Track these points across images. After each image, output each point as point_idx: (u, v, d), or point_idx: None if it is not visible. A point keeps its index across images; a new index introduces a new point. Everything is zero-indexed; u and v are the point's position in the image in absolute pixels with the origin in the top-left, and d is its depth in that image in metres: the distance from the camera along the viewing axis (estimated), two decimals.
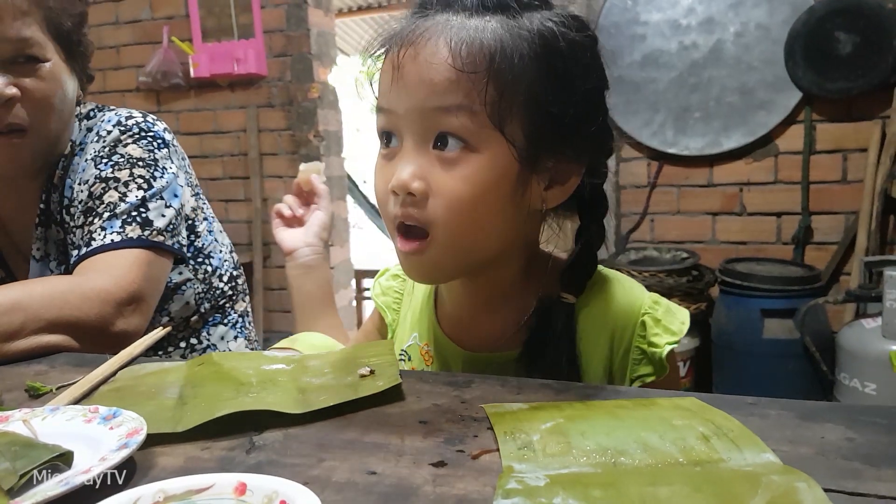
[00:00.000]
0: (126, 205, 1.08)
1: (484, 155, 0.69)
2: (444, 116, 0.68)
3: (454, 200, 0.69)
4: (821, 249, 2.83)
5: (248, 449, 0.56)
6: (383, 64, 0.73)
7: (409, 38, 0.70)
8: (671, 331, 0.76)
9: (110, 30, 3.70)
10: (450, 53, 0.67)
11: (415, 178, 0.69)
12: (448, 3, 0.71)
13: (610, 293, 0.79)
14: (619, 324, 0.77)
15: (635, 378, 0.77)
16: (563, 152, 0.72)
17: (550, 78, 0.69)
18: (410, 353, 0.89)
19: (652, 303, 0.77)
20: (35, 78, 1.08)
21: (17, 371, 0.84)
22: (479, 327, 0.83)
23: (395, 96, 0.71)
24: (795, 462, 0.49)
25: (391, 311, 0.95)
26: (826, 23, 2.65)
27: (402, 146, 0.71)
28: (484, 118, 0.67)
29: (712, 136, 2.88)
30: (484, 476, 0.50)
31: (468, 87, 0.67)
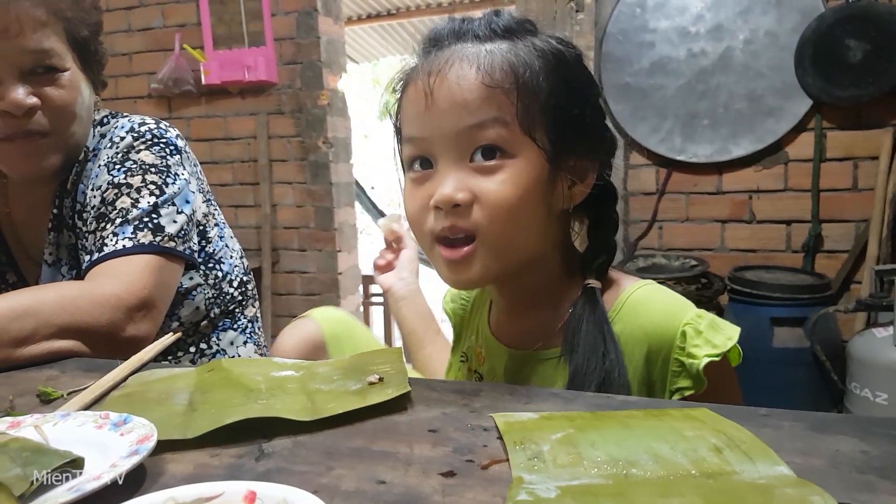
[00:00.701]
0: (138, 210, 1.09)
1: (519, 159, 0.76)
2: (479, 132, 0.75)
3: (500, 202, 0.75)
4: (831, 258, 2.81)
5: (258, 456, 0.56)
6: (407, 97, 0.81)
7: (433, 67, 0.77)
8: (713, 343, 0.75)
9: (123, 37, 3.72)
10: (479, 73, 0.75)
11: (457, 190, 0.75)
12: (460, 34, 0.79)
13: (650, 303, 0.81)
14: (657, 333, 0.78)
15: (675, 391, 0.77)
16: (580, 152, 0.80)
17: (563, 87, 0.78)
18: (469, 354, 0.97)
19: (695, 315, 0.78)
20: (55, 87, 1.09)
21: (28, 376, 0.84)
22: (522, 327, 0.88)
23: (427, 123, 0.78)
24: (809, 475, 0.48)
25: (456, 317, 1.04)
26: (836, 30, 2.64)
27: (437, 167, 0.78)
28: (515, 127, 0.75)
29: (721, 143, 2.87)
30: (493, 486, 0.49)
31: (499, 102, 0.75)
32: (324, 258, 3.61)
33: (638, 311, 0.80)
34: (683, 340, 0.76)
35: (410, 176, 0.82)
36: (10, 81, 1.04)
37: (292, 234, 3.65)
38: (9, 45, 1.03)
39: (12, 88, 1.04)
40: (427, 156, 0.79)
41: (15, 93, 1.04)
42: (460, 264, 0.77)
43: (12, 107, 1.04)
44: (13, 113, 1.05)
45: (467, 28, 0.80)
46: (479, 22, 0.80)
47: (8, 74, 1.04)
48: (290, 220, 3.64)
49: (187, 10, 3.61)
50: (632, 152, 3.02)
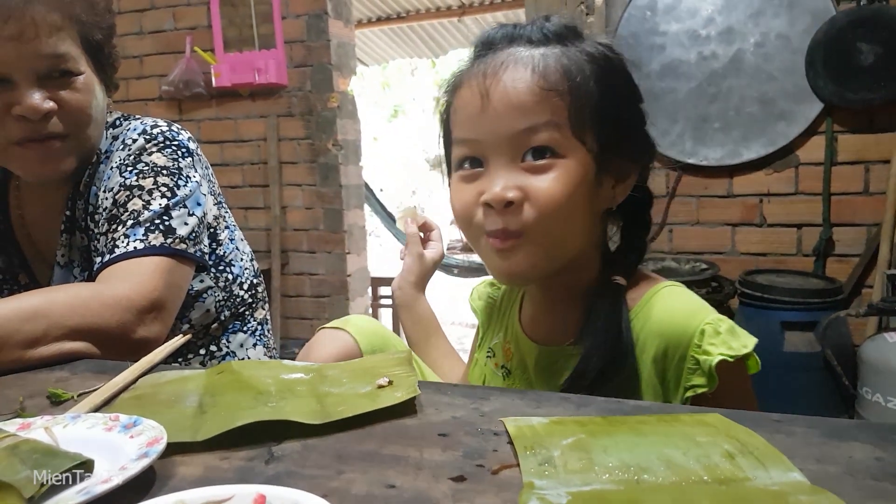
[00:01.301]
0: (150, 212, 1.09)
1: (570, 159, 0.78)
2: (533, 134, 0.78)
3: (550, 199, 0.77)
4: (842, 262, 2.80)
5: (267, 459, 0.56)
6: (460, 99, 0.83)
7: (488, 69, 0.80)
8: (729, 345, 0.76)
9: (134, 40, 3.74)
10: (534, 76, 0.78)
11: (508, 189, 0.77)
12: (513, 38, 0.82)
13: (672, 302, 0.83)
14: (676, 331, 0.79)
15: (688, 387, 0.78)
16: (623, 154, 0.83)
17: (611, 91, 0.81)
18: (496, 350, 0.99)
19: (716, 318, 0.79)
20: (70, 90, 1.09)
21: (38, 378, 0.85)
22: (554, 324, 0.90)
23: (480, 125, 0.80)
24: (823, 482, 0.48)
25: (483, 314, 1.05)
26: (847, 33, 2.62)
27: (488, 167, 0.80)
28: (567, 129, 0.78)
29: (732, 146, 2.86)
30: (504, 492, 0.49)
31: (552, 105, 0.77)
32: (333, 260, 3.62)
33: (659, 308, 0.82)
34: (701, 338, 0.77)
35: (460, 174, 0.84)
36: (27, 86, 1.05)
37: (302, 236, 3.66)
38: (25, 49, 1.03)
39: (28, 93, 1.05)
40: (478, 156, 0.82)
41: (31, 97, 1.05)
42: (510, 252, 0.80)
43: (29, 111, 1.05)
44: (30, 117, 1.05)
45: (520, 33, 0.82)
46: (531, 27, 0.83)
47: (24, 79, 1.05)
48: (299, 223, 3.64)
49: (198, 12, 3.63)
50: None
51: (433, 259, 1.16)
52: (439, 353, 1.14)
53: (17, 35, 1.02)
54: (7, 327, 0.87)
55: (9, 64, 1.04)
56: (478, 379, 1.01)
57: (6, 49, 1.03)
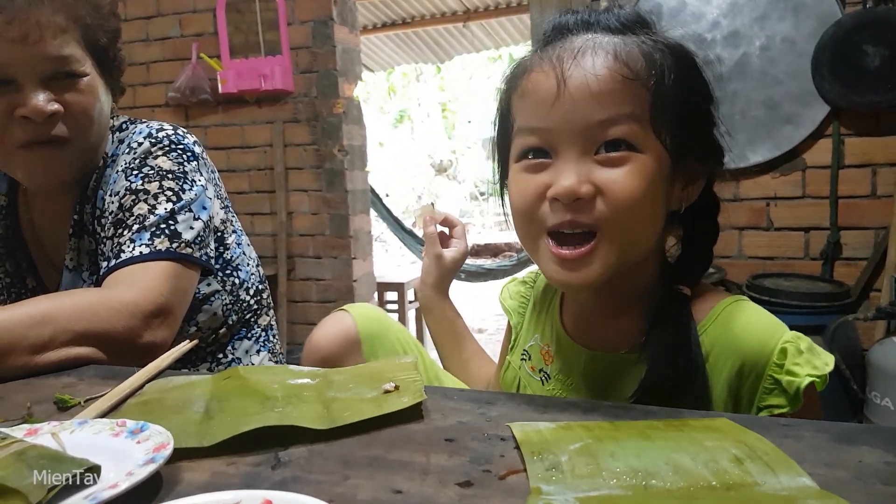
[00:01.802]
0: (155, 217, 1.09)
1: (647, 154, 0.73)
2: (611, 126, 0.72)
3: (626, 193, 0.72)
4: (850, 265, 2.78)
5: (274, 465, 0.56)
6: (530, 84, 0.76)
7: (566, 54, 0.74)
8: (813, 364, 0.72)
9: (141, 47, 3.76)
10: (618, 63, 0.72)
11: (581, 182, 0.71)
12: (589, 24, 0.77)
13: (747, 318, 0.78)
14: (753, 349, 0.75)
15: (763, 407, 0.74)
16: (696, 154, 0.78)
17: (689, 87, 0.76)
18: (531, 352, 0.93)
19: (794, 336, 0.75)
20: (74, 92, 1.10)
21: (46, 383, 0.85)
22: (608, 330, 0.85)
23: (553, 114, 0.73)
24: (832, 486, 0.47)
25: (516, 314, 0.99)
26: (853, 35, 2.61)
27: (558, 158, 0.74)
28: (647, 123, 0.73)
29: (738, 150, 2.85)
30: (511, 497, 0.49)
31: (634, 95, 0.72)
32: (339, 265, 3.62)
33: (733, 324, 0.77)
34: (782, 358, 0.73)
35: (523, 164, 0.77)
36: (31, 88, 1.05)
37: (308, 241, 3.66)
38: (29, 51, 1.04)
39: (33, 95, 1.05)
40: (547, 147, 0.75)
41: (36, 99, 1.05)
42: (578, 263, 0.73)
43: (33, 113, 1.05)
44: (34, 119, 1.05)
45: (596, 19, 0.77)
46: (607, 14, 0.78)
47: (29, 81, 1.05)
48: (305, 228, 3.65)
49: (204, 19, 3.64)
50: None
51: (454, 258, 1.10)
52: (466, 355, 1.10)
53: (21, 37, 1.03)
54: (15, 333, 0.87)
55: (13, 66, 1.04)
56: (511, 383, 0.95)
57: (11, 51, 1.03)
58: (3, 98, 1.05)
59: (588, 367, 0.84)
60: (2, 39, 1.03)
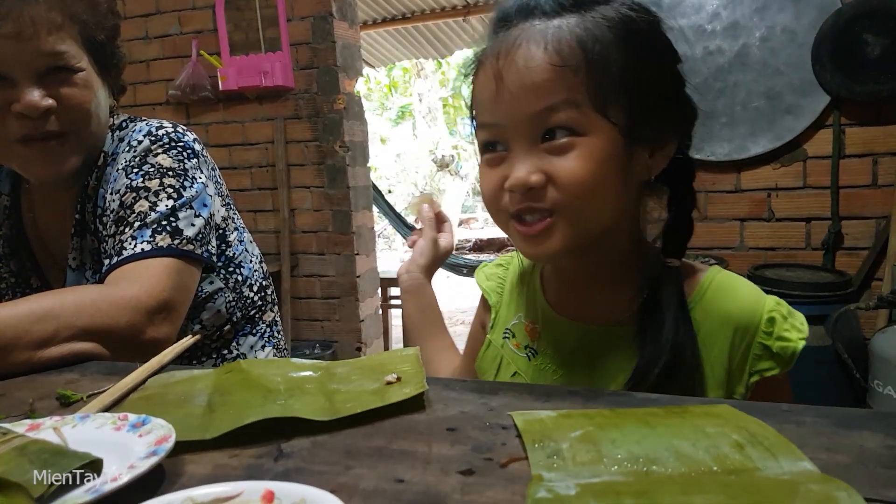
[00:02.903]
0: (156, 214, 1.09)
1: (592, 137, 0.74)
2: (550, 114, 0.74)
3: (573, 181, 0.74)
4: (852, 255, 2.78)
5: (276, 456, 0.56)
6: (479, 82, 0.80)
7: (501, 50, 0.76)
8: (798, 329, 0.78)
9: (140, 45, 3.76)
10: (546, 53, 0.74)
11: (530, 173, 0.74)
12: (528, 12, 0.78)
13: (732, 290, 0.81)
14: (743, 320, 0.79)
15: (754, 372, 0.79)
16: (658, 121, 0.78)
17: (637, 57, 0.76)
18: (515, 330, 0.94)
19: (775, 303, 0.80)
20: (70, 87, 1.10)
21: (48, 379, 0.85)
22: (594, 302, 0.87)
23: (499, 109, 0.77)
24: (833, 471, 0.47)
25: (495, 294, 1.01)
26: (854, 25, 2.61)
27: (511, 150, 0.77)
28: (586, 106, 0.74)
29: (739, 141, 2.84)
30: (513, 484, 0.49)
31: (569, 82, 0.73)
32: (342, 262, 3.63)
33: (723, 297, 0.81)
34: (770, 326, 0.78)
35: (485, 158, 0.81)
36: (26, 83, 1.06)
37: (311, 238, 3.66)
38: (23, 47, 1.04)
39: (28, 91, 1.05)
40: (500, 140, 0.79)
41: (30, 95, 1.05)
42: (537, 238, 0.77)
43: (28, 108, 1.05)
44: (29, 115, 1.06)
45: (534, 4, 0.78)
46: None
47: (23, 76, 1.06)
48: (308, 225, 3.65)
49: (204, 16, 3.64)
50: None
51: (445, 248, 1.12)
52: (440, 345, 1.10)
53: (15, 33, 1.03)
54: (17, 328, 0.87)
55: (8, 62, 1.04)
56: (492, 362, 0.96)
57: (5, 47, 1.03)
58: None
59: (579, 339, 0.86)
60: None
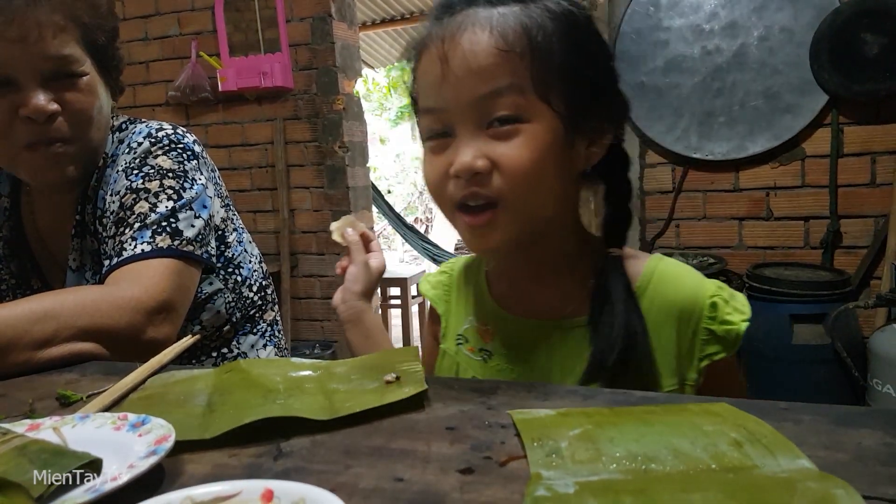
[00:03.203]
0: (156, 215, 1.09)
1: (535, 124, 0.75)
2: (495, 99, 0.74)
3: (518, 167, 0.74)
4: (850, 254, 2.78)
5: (276, 456, 0.57)
6: (422, 67, 0.80)
7: (446, 33, 0.76)
8: (740, 310, 0.80)
9: (140, 46, 3.76)
10: (492, 37, 0.74)
11: (476, 158, 0.74)
12: (466, 2, 0.77)
13: (675, 278, 0.83)
14: (686, 307, 0.80)
15: (703, 357, 0.80)
16: (596, 113, 0.80)
17: (577, 49, 0.77)
18: (467, 335, 0.94)
19: (717, 287, 0.81)
20: (74, 91, 1.10)
21: (48, 379, 0.85)
22: (541, 297, 0.87)
23: (443, 93, 0.76)
24: (832, 468, 0.48)
25: (443, 303, 1.00)
26: (852, 24, 2.61)
27: (456, 136, 0.77)
28: (530, 92, 0.74)
29: (737, 140, 2.85)
30: (512, 483, 0.49)
31: (513, 67, 0.74)
32: None
33: (667, 284, 0.82)
34: (713, 311, 0.79)
35: (429, 145, 0.81)
36: (31, 87, 1.06)
37: (310, 238, 3.66)
38: (29, 51, 1.04)
39: (34, 95, 1.06)
40: (445, 126, 0.78)
41: (37, 99, 1.05)
42: (483, 229, 0.77)
43: (34, 112, 1.05)
44: (35, 119, 1.06)
45: None
46: None
47: (29, 80, 1.06)
48: (308, 225, 3.65)
49: (203, 17, 3.64)
50: (648, 151, 3.00)
51: (377, 268, 1.07)
52: None
53: (21, 37, 1.03)
54: (17, 328, 0.88)
55: (13, 66, 1.05)
56: (449, 371, 0.94)
57: (11, 51, 1.03)
58: (5, 99, 1.06)
59: (530, 336, 0.86)
60: (1, 39, 1.03)
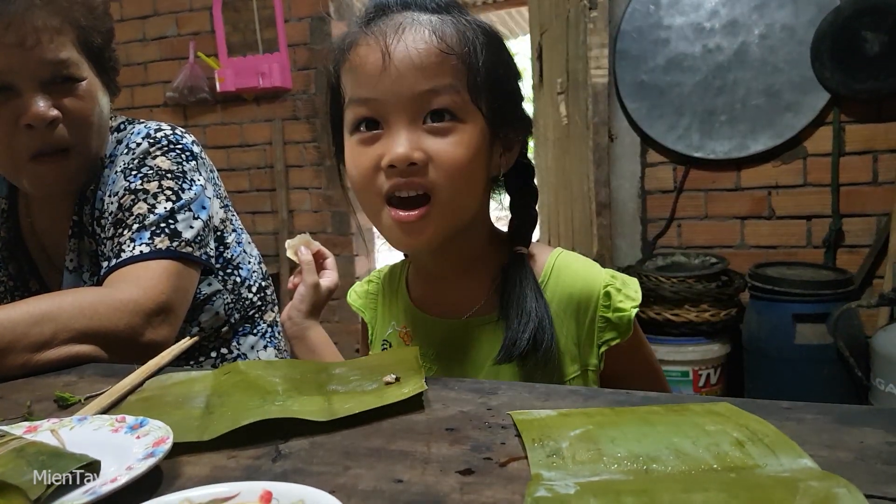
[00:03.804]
0: (155, 216, 1.09)
1: (469, 124, 0.79)
2: (435, 96, 0.77)
3: (454, 162, 0.78)
4: (852, 252, 2.78)
5: (274, 457, 0.56)
6: (357, 58, 0.80)
7: (388, 29, 0.78)
8: (631, 297, 0.85)
9: (138, 47, 3.76)
10: (435, 38, 0.78)
11: (413, 149, 0.76)
12: (407, 4, 0.81)
13: (572, 270, 0.88)
14: (583, 298, 0.85)
15: (602, 343, 0.85)
16: (510, 125, 0.85)
17: (500, 64, 0.83)
18: (391, 339, 0.97)
19: (610, 277, 0.86)
20: (73, 97, 1.09)
21: (46, 382, 0.85)
22: (454, 295, 0.91)
23: (381, 85, 0.78)
24: (834, 467, 0.47)
25: (369, 311, 1.03)
26: (853, 22, 2.60)
27: (389, 128, 0.78)
28: (465, 95, 0.79)
29: (739, 139, 2.84)
30: (512, 484, 0.49)
31: (452, 69, 0.78)
32: (341, 263, 3.61)
33: (565, 277, 0.87)
34: (607, 300, 0.84)
35: (357, 137, 0.81)
36: (31, 93, 1.05)
37: None
38: (27, 56, 1.04)
39: (33, 101, 1.05)
40: (377, 117, 0.79)
41: (37, 105, 1.05)
42: (414, 225, 0.79)
43: (35, 119, 1.05)
44: (36, 125, 1.05)
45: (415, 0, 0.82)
46: None
47: (28, 86, 1.05)
48: (307, 226, 3.65)
49: (201, 18, 3.64)
50: (649, 150, 3.00)
51: (328, 288, 1.09)
52: None
53: (18, 42, 1.03)
54: (16, 331, 0.87)
55: (12, 71, 1.04)
56: None
57: (8, 56, 1.03)
58: (5, 107, 1.05)
59: (443, 336, 0.90)
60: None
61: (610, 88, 2.95)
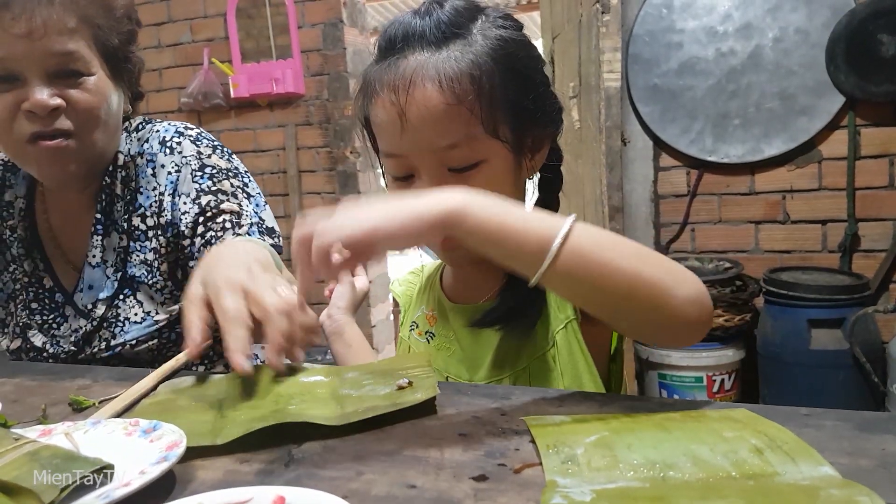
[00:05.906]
0: (246, 215, 1.16)
1: (491, 161, 0.81)
2: (452, 150, 0.80)
3: None
4: (868, 257, 2.75)
5: (287, 462, 0.56)
6: (377, 112, 0.83)
7: (398, 84, 0.79)
8: None
9: (153, 53, 3.78)
10: (443, 93, 0.78)
11: None
12: (413, 40, 0.81)
13: None
14: None
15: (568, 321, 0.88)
16: (536, 125, 0.86)
17: (517, 79, 0.83)
18: (418, 321, 1.05)
19: None
20: (80, 90, 1.10)
21: (61, 385, 0.85)
22: (473, 286, 0.96)
23: (403, 142, 0.81)
24: (855, 475, 0.46)
25: (405, 297, 1.12)
26: (868, 25, 2.58)
27: (420, 177, 0.82)
28: (482, 134, 0.80)
29: (753, 143, 2.82)
30: (527, 490, 0.48)
31: (465, 119, 0.78)
32: None
33: None
34: None
35: (396, 185, 0.86)
36: (35, 83, 1.06)
37: None
38: (34, 46, 1.05)
39: (37, 89, 1.06)
40: (409, 170, 0.83)
41: (40, 94, 1.06)
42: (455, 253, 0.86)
43: (36, 107, 1.06)
44: (37, 113, 1.06)
45: (419, 32, 0.81)
46: (427, 21, 0.81)
47: (33, 76, 1.06)
48: None
49: (215, 24, 3.66)
50: (661, 154, 2.99)
51: (363, 289, 1.17)
52: None
53: (26, 32, 1.04)
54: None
55: (19, 61, 1.05)
56: (402, 353, 1.06)
57: (16, 46, 1.04)
58: (9, 93, 1.07)
59: (459, 319, 0.96)
60: (7, 35, 1.04)
61: (622, 92, 2.94)
